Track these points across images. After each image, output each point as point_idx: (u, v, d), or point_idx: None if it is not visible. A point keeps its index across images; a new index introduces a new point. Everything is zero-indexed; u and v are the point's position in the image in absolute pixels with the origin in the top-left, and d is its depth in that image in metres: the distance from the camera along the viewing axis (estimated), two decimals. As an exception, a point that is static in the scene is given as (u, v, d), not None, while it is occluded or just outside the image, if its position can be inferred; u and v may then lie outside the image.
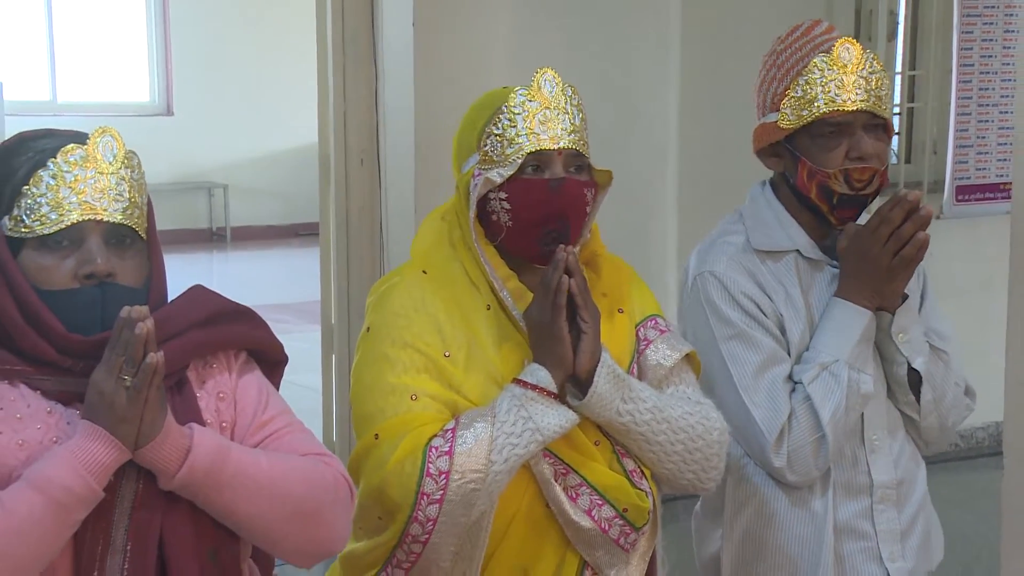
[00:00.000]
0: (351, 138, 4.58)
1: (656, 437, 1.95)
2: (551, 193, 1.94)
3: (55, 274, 1.62)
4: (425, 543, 1.85)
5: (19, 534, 1.50)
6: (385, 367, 1.93)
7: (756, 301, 2.21)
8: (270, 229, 11.48)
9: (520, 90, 1.97)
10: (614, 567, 1.96)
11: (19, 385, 1.63)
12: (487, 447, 1.84)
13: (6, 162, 1.67)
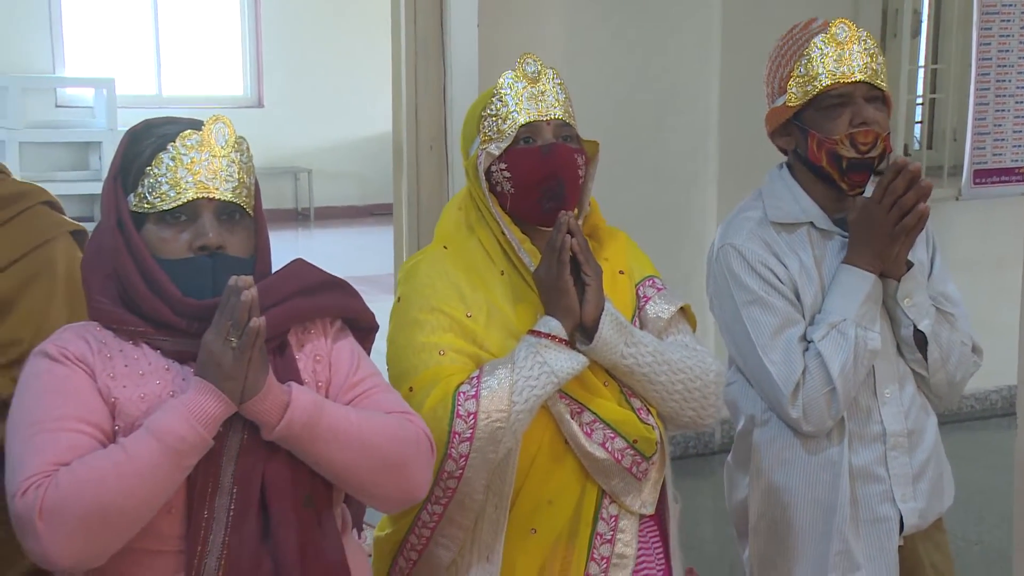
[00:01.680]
0: (422, 127, 4.60)
1: (658, 378, 1.98)
2: (544, 157, 1.98)
3: (172, 245, 1.64)
4: (459, 478, 1.88)
5: (140, 476, 1.51)
6: (415, 329, 1.96)
7: (772, 269, 2.23)
8: (349, 209, 11.52)
9: (508, 74, 2.02)
10: (629, 494, 1.99)
11: (141, 345, 1.65)
12: (509, 390, 1.88)
13: (133, 146, 1.68)
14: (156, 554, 1.60)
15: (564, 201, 1.99)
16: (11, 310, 1.92)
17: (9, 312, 1.91)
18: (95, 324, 1.67)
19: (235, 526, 1.60)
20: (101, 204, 1.71)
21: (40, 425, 1.55)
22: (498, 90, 2.01)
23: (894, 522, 2.26)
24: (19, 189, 2.06)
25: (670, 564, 2.08)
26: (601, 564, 1.97)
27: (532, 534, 1.95)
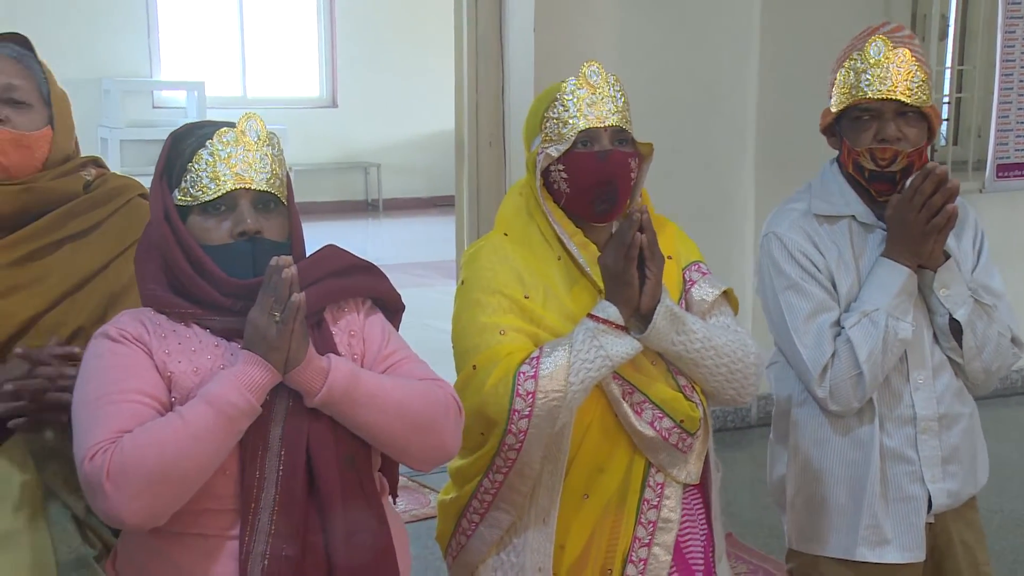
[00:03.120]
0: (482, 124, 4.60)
1: (704, 362, 1.96)
2: (600, 163, 1.96)
3: (215, 233, 1.65)
4: (518, 450, 1.89)
5: (196, 440, 1.53)
6: (477, 310, 1.95)
7: (811, 258, 2.21)
8: (414, 200, 11.56)
9: (571, 80, 1.99)
10: (675, 466, 1.98)
11: (192, 325, 1.66)
12: (566, 371, 1.87)
13: (176, 146, 1.69)
14: (213, 512, 1.61)
15: (616, 203, 1.98)
16: (124, 299, 1.94)
17: (123, 301, 1.93)
18: (149, 309, 1.68)
19: (284, 485, 1.61)
20: (150, 200, 1.72)
21: (105, 398, 1.57)
22: (561, 95, 1.98)
23: (922, 501, 2.22)
24: (121, 183, 2.07)
25: (712, 529, 2.07)
26: (648, 528, 1.96)
27: (584, 499, 1.95)
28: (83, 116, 10.21)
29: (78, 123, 2.08)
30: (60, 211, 1.95)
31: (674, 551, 1.98)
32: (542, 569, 1.93)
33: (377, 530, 1.70)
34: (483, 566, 1.99)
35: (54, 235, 1.94)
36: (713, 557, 2.06)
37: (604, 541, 1.96)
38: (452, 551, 2.04)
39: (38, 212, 1.94)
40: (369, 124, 11.29)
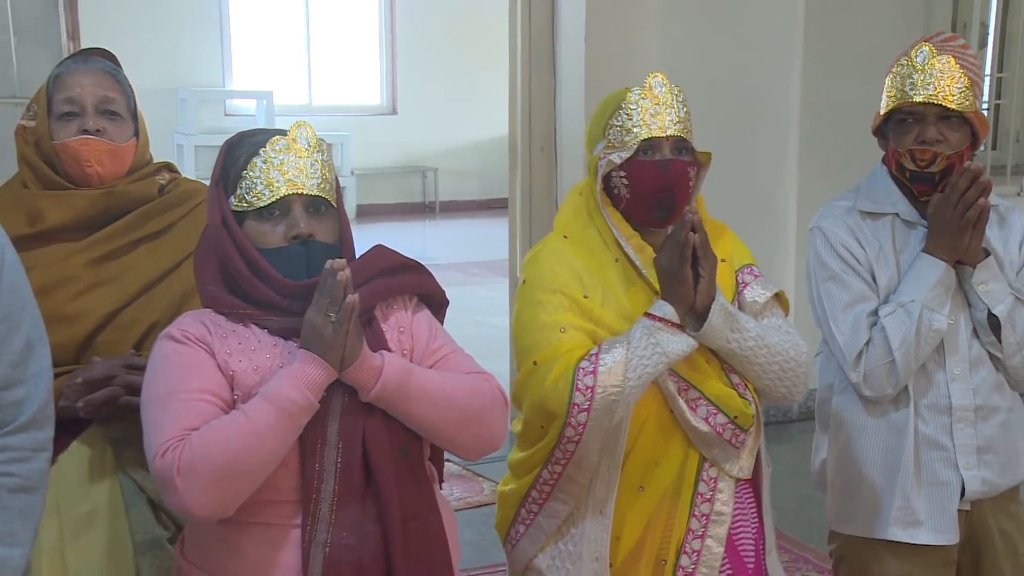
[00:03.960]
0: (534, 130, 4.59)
1: (757, 359, 1.94)
2: (660, 171, 1.95)
3: (270, 236, 1.65)
4: (577, 443, 1.87)
5: (259, 435, 1.53)
6: (539, 309, 1.94)
7: (852, 251, 2.21)
8: (470, 203, 11.58)
9: (636, 90, 1.97)
10: (728, 461, 1.96)
11: (250, 325, 1.66)
12: (623, 367, 1.85)
13: (230, 154, 1.69)
14: (276, 503, 1.61)
15: (674, 210, 1.96)
16: (195, 296, 1.96)
17: (195, 298, 1.96)
18: (209, 311, 1.68)
19: (342, 476, 1.61)
20: (207, 206, 1.73)
21: (172, 396, 1.57)
22: (626, 104, 1.96)
23: (955, 487, 2.19)
24: (192, 187, 2.09)
25: (762, 522, 2.04)
26: (701, 520, 1.94)
27: (640, 491, 1.93)
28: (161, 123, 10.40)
29: (156, 130, 2.10)
30: (137, 213, 1.98)
31: (726, 543, 1.96)
32: (598, 558, 1.91)
33: (430, 517, 1.70)
34: (541, 554, 1.97)
35: (131, 235, 1.97)
36: (763, 550, 2.03)
37: (659, 532, 1.94)
38: (511, 539, 2.03)
39: (117, 214, 1.96)
40: (427, 130, 11.33)
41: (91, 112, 1.94)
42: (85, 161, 1.93)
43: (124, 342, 1.90)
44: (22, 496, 1.40)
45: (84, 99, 1.94)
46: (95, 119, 1.94)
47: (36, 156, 1.96)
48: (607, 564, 1.92)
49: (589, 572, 1.92)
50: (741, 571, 1.99)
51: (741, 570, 1.99)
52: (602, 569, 1.92)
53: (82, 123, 1.93)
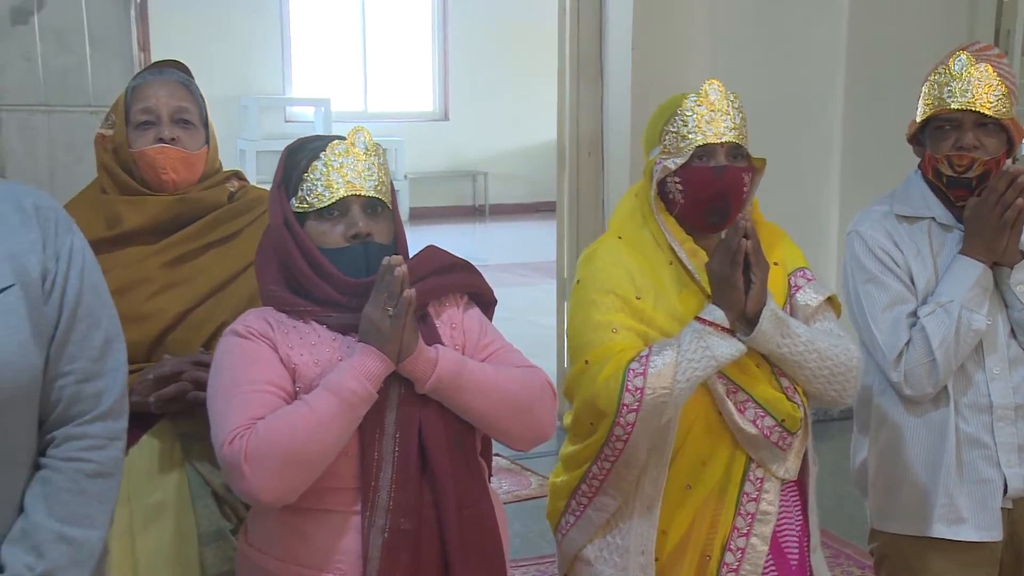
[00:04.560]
0: (581, 136, 4.59)
1: (807, 364, 1.91)
2: (715, 178, 1.91)
3: (330, 236, 1.66)
4: (626, 441, 1.86)
5: (321, 425, 1.55)
6: (592, 309, 1.92)
7: (890, 254, 2.18)
8: (518, 206, 11.59)
9: (691, 96, 1.94)
10: (774, 462, 1.94)
11: (310, 322, 1.67)
12: (673, 369, 1.84)
13: (291, 158, 1.71)
14: (337, 490, 1.62)
15: (728, 216, 1.93)
16: (259, 298, 1.98)
17: (257, 301, 1.98)
18: (270, 308, 1.70)
19: (400, 464, 1.62)
20: (269, 209, 1.74)
21: (237, 388, 1.59)
22: (682, 110, 1.94)
23: (998, 484, 2.15)
24: (258, 194, 2.11)
25: (807, 522, 2.01)
26: (747, 519, 1.92)
27: (687, 490, 1.92)
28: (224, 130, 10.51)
29: (220, 136, 2.13)
30: (208, 219, 2.00)
31: (771, 542, 1.94)
32: (645, 552, 1.90)
33: (483, 505, 1.70)
34: (590, 545, 1.97)
35: (202, 240, 1.99)
36: (808, 548, 2.01)
37: (704, 529, 1.92)
38: (562, 529, 2.02)
39: (189, 219, 1.99)
40: (477, 136, 11.37)
41: (166, 121, 1.97)
42: (161, 168, 1.96)
43: (194, 341, 1.92)
44: (99, 481, 1.42)
45: (160, 109, 1.97)
46: (170, 128, 1.97)
47: (114, 163, 1.99)
48: (653, 558, 1.91)
49: (635, 565, 1.91)
50: (785, 569, 1.96)
51: (785, 568, 1.96)
52: (648, 562, 1.91)
53: (158, 132, 1.96)
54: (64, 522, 1.38)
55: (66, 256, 1.42)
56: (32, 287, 1.38)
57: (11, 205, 1.41)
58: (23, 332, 1.35)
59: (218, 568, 1.91)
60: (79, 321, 1.42)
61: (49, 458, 1.40)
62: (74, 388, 1.41)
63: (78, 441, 1.41)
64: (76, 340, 1.41)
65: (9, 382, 1.33)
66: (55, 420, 1.41)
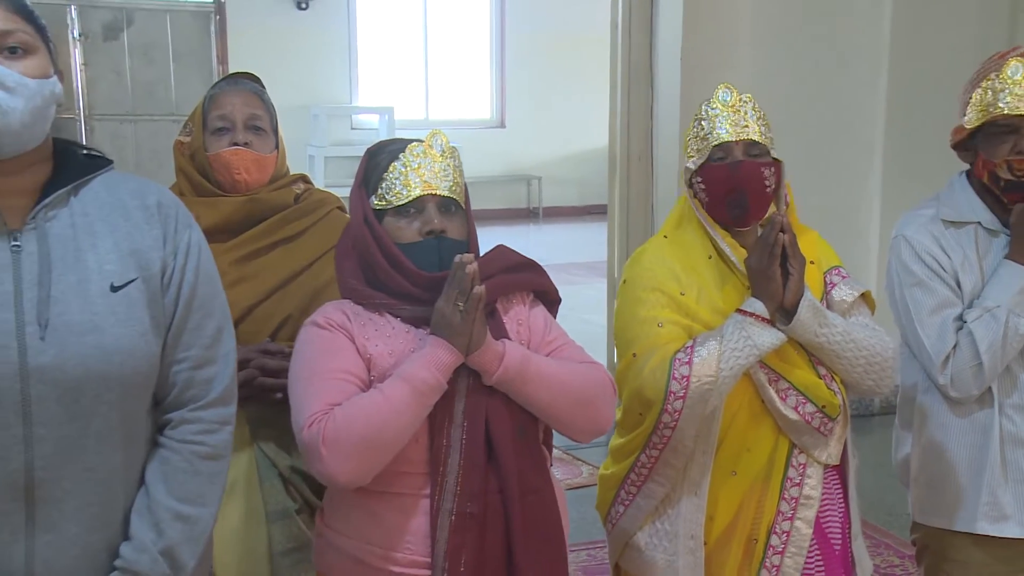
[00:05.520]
0: (632, 141, 4.56)
1: (844, 353, 1.90)
2: (730, 172, 1.91)
3: (406, 232, 1.66)
4: (673, 429, 1.85)
5: (395, 412, 1.55)
6: (638, 305, 1.92)
7: (936, 258, 2.12)
8: (570, 208, 11.57)
9: (706, 102, 1.96)
10: (816, 447, 1.92)
11: (385, 314, 1.67)
12: (717, 359, 1.83)
13: (372, 159, 1.72)
14: (408, 474, 1.63)
15: (748, 209, 1.92)
16: (325, 293, 2.00)
17: (324, 295, 2.00)
18: (348, 301, 1.70)
19: (467, 451, 1.62)
20: (350, 206, 1.75)
21: (317, 375, 1.60)
22: (698, 116, 1.96)
23: None
24: (322, 197, 2.12)
25: (848, 508, 2.00)
26: (790, 503, 1.91)
27: (732, 475, 1.91)
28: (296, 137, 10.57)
29: (291, 143, 2.15)
30: (275, 218, 2.02)
31: (814, 526, 1.92)
32: (694, 536, 1.90)
33: (546, 492, 1.70)
34: (640, 532, 1.96)
35: (270, 238, 2.01)
36: (849, 534, 1.99)
37: (750, 514, 1.91)
38: (611, 519, 2.02)
39: (258, 218, 2.01)
40: (532, 142, 11.37)
41: (240, 127, 2.00)
42: (235, 169, 1.99)
43: (261, 332, 1.94)
44: (211, 463, 1.45)
45: (235, 116, 2.00)
46: (244, 133, 2.00)
47: (191, 167, 2.02)
48: (702, 542, 1.91)
49: (685, 549, 1.91)
50: (829, 553, 1.95)
51: (829, 552, 1.95)
52: (697, 546, 1.90)
53: (233, 136, 2.00)
54: (181, 501, 1.41)
55: (184, 251, 1.46)
56: (152, 280, 1.41)
57: (137, 202, 1.45)
58: (144, 322, 1.39)
59: (283, 545, 1.94)
60: (194, 312, 1.45)
61: (166, 439, 1.44)
62: (188, 374, 1.44)
63: (193, 425, 1.44)
64: (191, 329, 1.44)
65: (131, 368, 1.37)
66: (171, 403, 1.45)
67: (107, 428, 1.36)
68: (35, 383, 1.31)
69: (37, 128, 1.37)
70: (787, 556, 1.90)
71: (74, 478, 1.34)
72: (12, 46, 1.35)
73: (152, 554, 1.38)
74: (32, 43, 1.37)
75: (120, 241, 1.41)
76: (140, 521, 1.39)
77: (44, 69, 1.38)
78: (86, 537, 1.36)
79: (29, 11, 1.39)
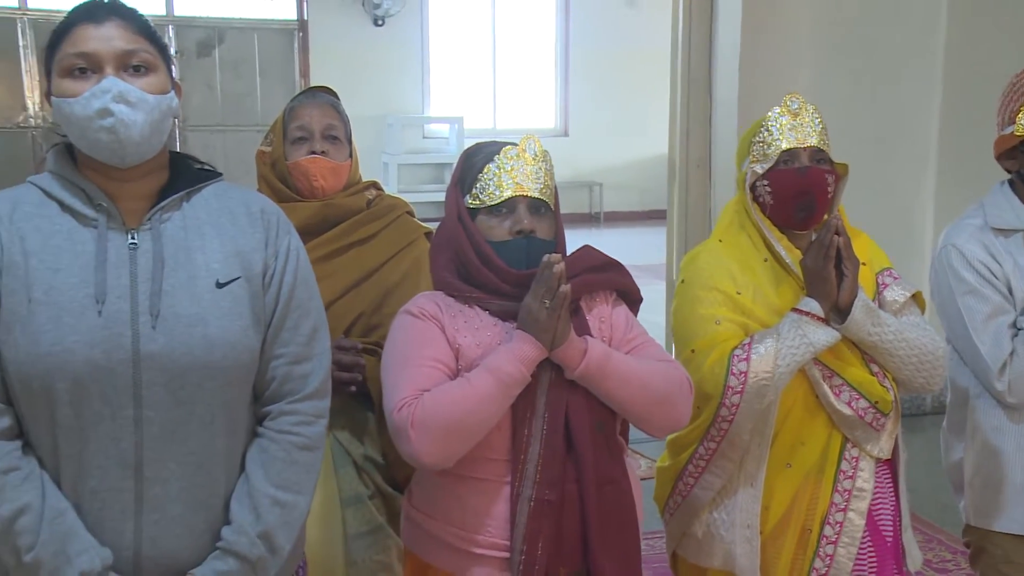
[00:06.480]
0: (691, 149, 4.52)
1: (897, 352, 1.88)
2: (799, 177, 1.90)
3: (497, 231, 1.66)
4: (730, 422, 1.85)
5: (480, 400, 1.55)
6: (696, 304, 1.91)
7: (988, 266, 2.06)
8: (631, 213, 11.49)
9: (775, 109, 1.95)
10: (869, 442, 1.90)
11: (474, 307, 1.67)
12: (774, 356, 1.82)
13: (468, 160, 1.72)
14: (491, 461, 1.63)
15: (814, 212, 1.91)
16: (395, 292, 2.02)
17: (394, 294, 2.02)
18: (440, 293, 1.71)
19: (547, 442, 1.61)
20: (445, 204, 1.76)
21: (408, 362, 1.61)
22: (766, 122, 1.95)
23: None
24: (392, 202, 2.15)
25: (899, 501, 1.97)
26: (843, 495, 1.89)
27: (787, 468, 1.90)
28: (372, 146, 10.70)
29: (367, 151, 2.17)
30: (349, 222, 2.04)
31: (867, 518, 1.90)
32: (750, 526, 1.89)
33: (622, 482, 1.69)
34: (697, 521, 1.95)
35: (344, 240, 2.03)
36: (900, 527, 1.96)
37: (804, 505, 1.90)
38: (669, 509, 2.01)
39: (333, 222, 2.04)
40: (594, 149, 11.32)
41: (318, 137, 2.04)
42: (313, 176, 2.03)
43: (335, 329, 1.96)
44: (307, 453, 1.48)
45: (313, 126, 2.04)
46: (321, 143, 2.03)
47: (272, 175, 2.06)
48: (758, 531, 1.89)
49: (741, 538, 1.89)
50: (880, 544, 1.92)
51: (880, 543, 1.92)
52: (753, 535, 1.89)
53: (311, 146, 2.03)
54: (278, 488, 1.44)
55: (283, 254, 1.50)
56: (254, 280, 1.46)
57: (243, 209, 1.50)
58: (245, 318, 1.43)
59: (356, 528, 1.97)
60: (292, 311, 1.48)
61: (266, 429, 1.48)
62: (286, 368, 1.47)
63: (290, 417, 1.47)
64: (289, 327, 1.48)
65: (232, 359, 1.41)
66: (270, 396, 1.48)
67: (209, 415, 1.40)
68: (146, 369, 1.36)
69: (155, 139, 1.42)
70: (840, 546, 1.88)
71: (178, 460, 1.39)
72: (136, 64, 1.40)
73: (251, 536, 1.41)
74: (153, 61, 1.42)
75: (226, 243, 1.45)
76: (240, 506, 1.43)
77: (163, 85, 1.43)
78: (189, 517, 1.40)
79: (152, 31, 1.45)
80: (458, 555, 1.64)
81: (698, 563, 1.97)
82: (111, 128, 1.36)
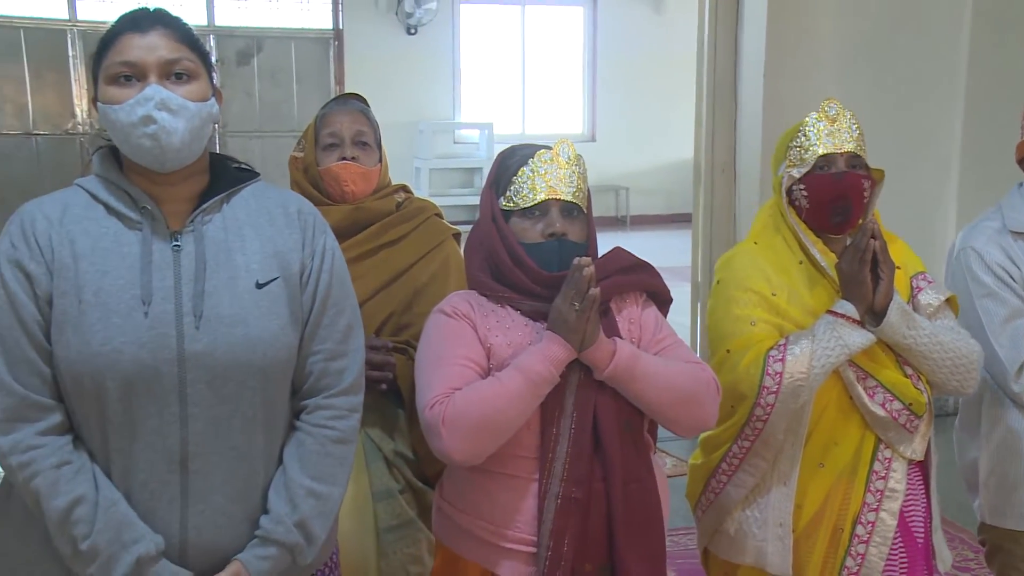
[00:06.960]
0: (716, 154, 4.50)
1: (931, 355, 1.85)
2: (836, 182, 1.88)
3: (529, 233, 1.66)
4: (765, 422, 1.83)
5: (509, 399, 1.55)
6: (732, 304, 1.90)
7: (1006, 269, 2.03)
8: (656, 217, 11.43)
9: (813, 114, 1.93)
10: (902, 443, 1.88)
11: (506, 307, 1.67)
12: (809, 357, 1.80)
13: (503, 163, 1.72)
14: (519, 458, 1.63)
15: (850, 217, 1.89)
16: (424, 293, 2.02)
17: (423, 294, 2.02)
18: (473, 292, 1.70)
19: (575, 440, 1.61)
20: (480, 205, 1.76)
21: (441, 360, 1.61)
22: (804, 127, 1.93)
23: None
24: (421, 204, 2.15)
25: (930, 502, 1.95)
26: (876, 496, 1.87)
27: (820, 468, 1.88)
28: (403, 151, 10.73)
29: (399, 156, 2.19)
30: (379, 225, 2.05)
31: (898, 518, 1.88)
32: (782, 524, 1.87)
33: (647, 481, 1.68)
34: (729, 518, 1.94)
35: (374, 242, 2.04)
36: (931, 527, 1.94)
37: (837, 504, 1.88)
38: (702, 507, 2.00)
39: (364, 225, 2.04)
40: (620, 154, 11.27)
41: (348, 143, 2.05)
42: (343, 181, 2.04)
43: (367, 328, 1.95)
44: (341, 447, 1.49)
45: (343, 133, 2.05)
46: (351, 149, 2.04)
47: (304, 179, 2.08)
48: (790, 529, 1.88)
49: (774, 536, 1.88)
50: (911, 545, 1.90)
51: (911, 544, 1.90)
52: (785, 533, 1.87)
53: (342, 151, 2.04)
54: (314, 479, 1.46)
55: (320, 254, 1.51)
56: (292, 279, 1.47)
57: (280, 210, 1.52)
58: (283, 316, 1.45)
59: (387, 522, 1.97)
60: (328, 309, 1.50)
61: (302, 423, 1.49)
62: (322, 365, 1.49)
63: (325, 411, 1.49)
64: (325, 325, 1.49)
65: (272, 357, 1.42)
66: (307, 391, 1.50)
67: (251, 412, 1.42)
68: (190, 368, 1.38)
69: (196, 145, 1.44)
70: (872, 546, 1.86)
71: (221, 454, 1.40)
72: (178, 72, 1.42)
73: (287, 525, 1.43)
74: (195, 69, 1.44)
75: (265, 243, 1.47)
76: (277, 496, 1.44)
77: (204, 93, 1.44)
78: (230, 508, 1.42)
79: (194, 39, 1.46)
80: (487, 548, 1.64)
81: (730, 559, 1.95)
82: (153, 135, 1.38)
